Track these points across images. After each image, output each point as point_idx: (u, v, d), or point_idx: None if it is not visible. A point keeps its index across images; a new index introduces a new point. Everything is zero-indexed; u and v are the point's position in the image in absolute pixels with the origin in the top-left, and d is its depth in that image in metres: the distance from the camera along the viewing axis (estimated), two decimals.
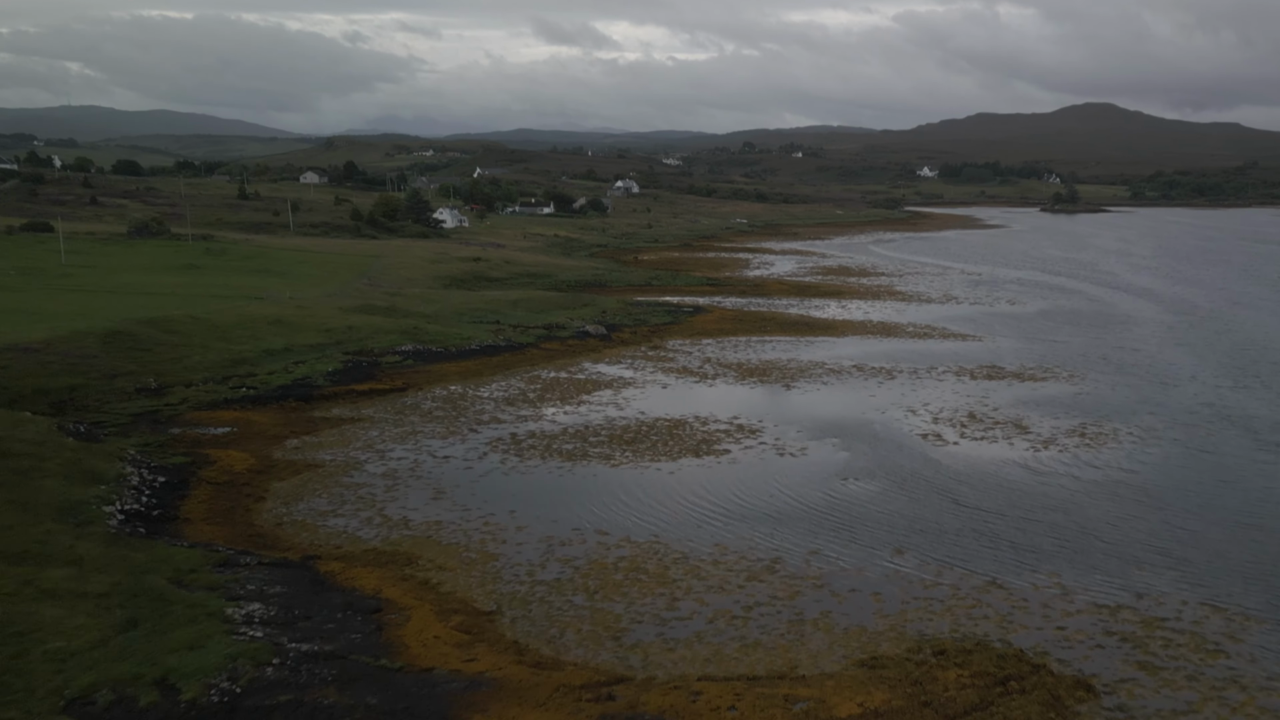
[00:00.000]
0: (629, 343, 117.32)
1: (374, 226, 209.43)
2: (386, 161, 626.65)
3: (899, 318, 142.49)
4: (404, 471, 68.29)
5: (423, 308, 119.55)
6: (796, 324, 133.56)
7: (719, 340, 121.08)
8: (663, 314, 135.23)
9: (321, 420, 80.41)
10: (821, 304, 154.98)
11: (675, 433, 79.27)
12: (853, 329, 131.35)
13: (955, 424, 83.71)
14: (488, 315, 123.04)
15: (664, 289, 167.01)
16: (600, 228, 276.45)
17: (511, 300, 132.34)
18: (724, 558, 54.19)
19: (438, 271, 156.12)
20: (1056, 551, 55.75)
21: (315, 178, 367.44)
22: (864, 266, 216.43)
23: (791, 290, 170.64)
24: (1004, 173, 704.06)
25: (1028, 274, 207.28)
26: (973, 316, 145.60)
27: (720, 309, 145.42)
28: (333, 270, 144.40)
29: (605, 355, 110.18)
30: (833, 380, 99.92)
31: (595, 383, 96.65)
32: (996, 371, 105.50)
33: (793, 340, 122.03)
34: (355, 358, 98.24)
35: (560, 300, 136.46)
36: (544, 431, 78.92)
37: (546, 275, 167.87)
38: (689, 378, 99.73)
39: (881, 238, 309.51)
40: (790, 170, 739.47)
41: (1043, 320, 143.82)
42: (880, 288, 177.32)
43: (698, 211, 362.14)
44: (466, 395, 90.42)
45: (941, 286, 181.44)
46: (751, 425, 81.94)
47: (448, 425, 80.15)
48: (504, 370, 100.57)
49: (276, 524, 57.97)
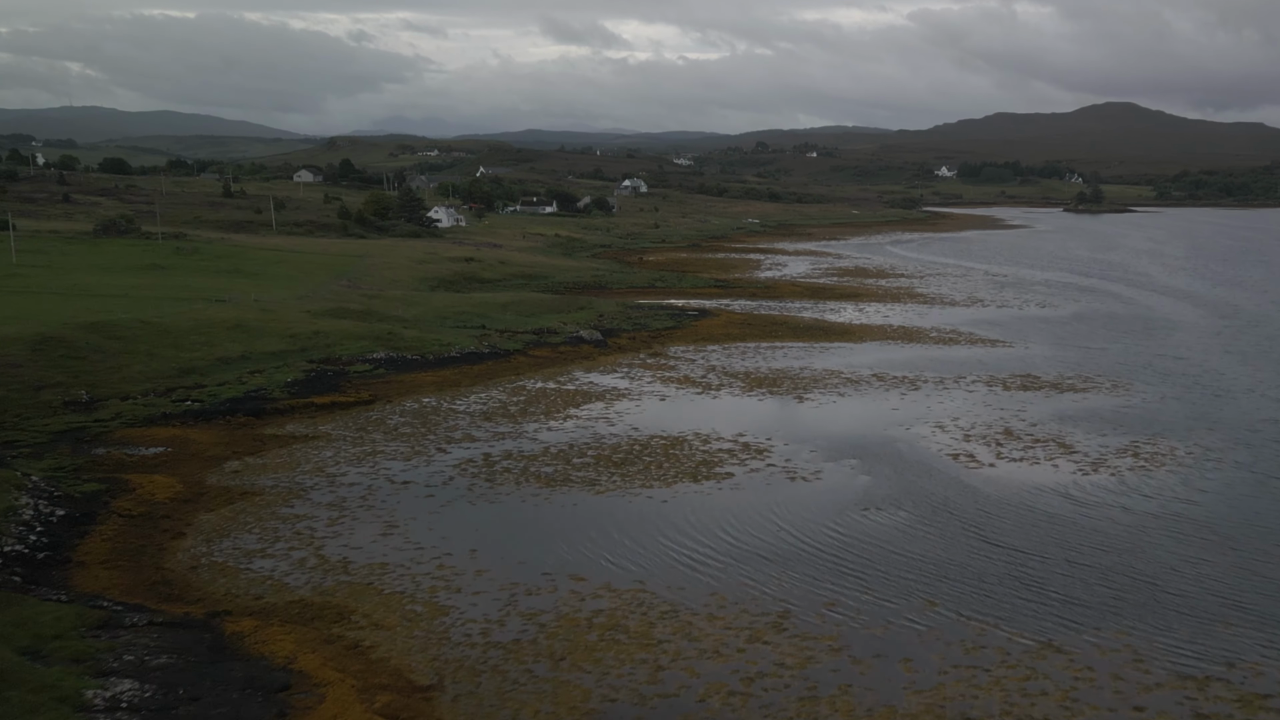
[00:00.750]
0: (627, 349, 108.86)
1: (363, 225, 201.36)
2: (391, 162, 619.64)
3: (921, 322, 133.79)
4: (354, 500, 59.90)
5: (402, 311, 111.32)
6: (810, 329, 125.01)
7: (725, 346, 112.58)
8: (665, 318, 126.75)
9: (271, 438, 72.10)
10: (837, 307, 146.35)
11: (672, 453, 70.79)
12: (871, 334, 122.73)
13: (989, 442, 75.06)
14: (474, 319, 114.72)
15: (668, 291, 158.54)
16: (605, 227, 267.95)
17: (501, 303, 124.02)
18: (721, 611, 45.69)
19: (425, 272, 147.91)
20: (1117, 605, 47.06)
21: (310, 176, 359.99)
22: (882, 267, 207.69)
23: (805, 292, 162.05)
24: (1024, 172, 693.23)
25: (1056, 275, 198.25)
26: (1001, 320, 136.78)
27: (728, 312, 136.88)
28: (310, 271, 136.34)
29: (599, 363, 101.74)
30: (850, 391, 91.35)
31: (586, 394, 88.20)
32: (1032, 381, 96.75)
33: (806, 346, 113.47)
34: (320, 367, 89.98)
35: (555, 303, 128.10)
36: (522, 451, 70.50)
37: (543, 276, 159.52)
38: (690, 389, 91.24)
39: (900, 238, 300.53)
40: (804, 170, 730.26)
41: (1077, 324, 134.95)
42: (900, 290, 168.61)
43: (708, 211, 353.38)
44: (440, 409, 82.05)
45: (965, 288, 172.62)
46: (759, 444, 73.44)
47: (413, 444, 71.79)
48: (485, 380, 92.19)
49: (191, 567, 49.63)
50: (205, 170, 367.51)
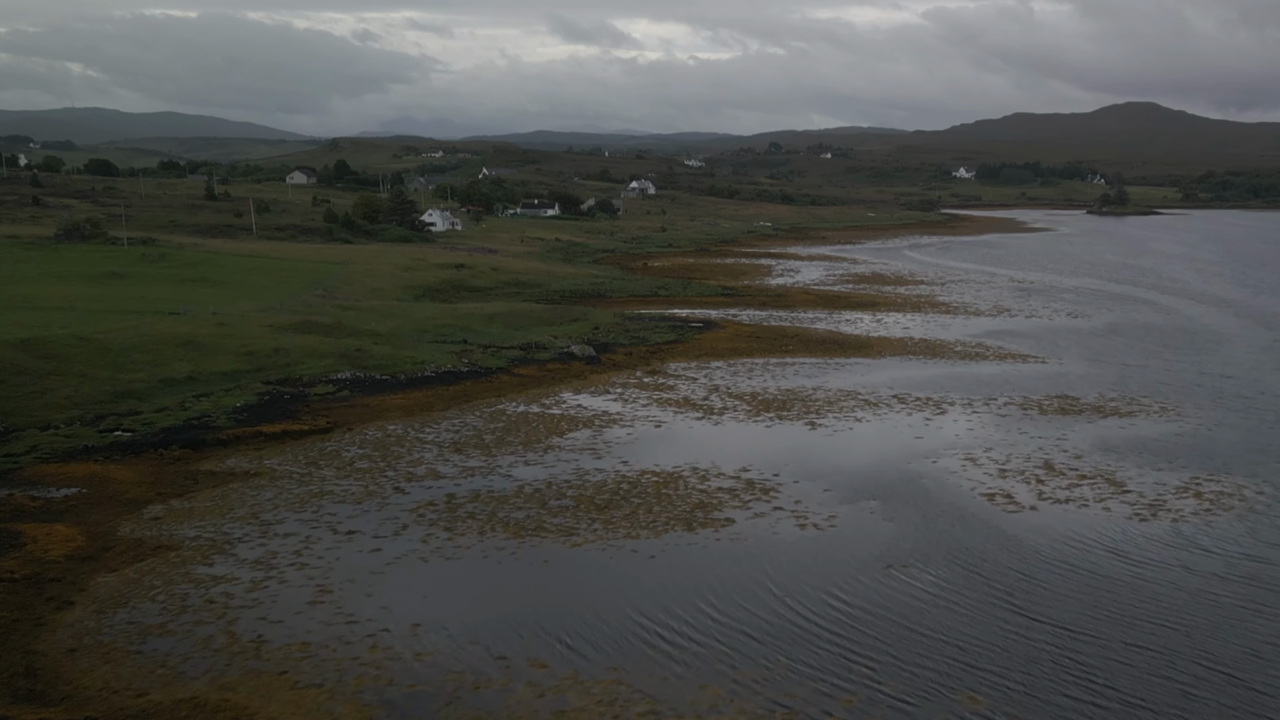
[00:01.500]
0: (622, 366, 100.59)
1: (350, 230, 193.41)
2: (394, 163, 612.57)
3: (944, 334, 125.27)
4: (286, 556, 51.72)
5: (377, 324, 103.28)
6: (824, 342, 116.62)
7: (731, 363, 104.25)
8: (666, 330, 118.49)
9: (205, 476, 63.99)
10: (853, 317, 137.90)
11: (664, 492, 62.52)
12: (890, 348, 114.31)
13: (1029, 478, 66.62)
14: (455, 333, 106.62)
15: (672, 300, 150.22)
16: (608, 231, 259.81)
17: (488, 314, 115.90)
18: (713, 713, 37.35)
19: (410, 280, 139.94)
20: (1188, 708, 38.49)
21: (303, 178, 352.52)
22: (900, 273, 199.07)
23: (819, 301, 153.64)
24: (1045, 174, 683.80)
25: (1085, 282, 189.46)
26: (1031, 332, 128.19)
27: (735, 324, 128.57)
28: (283, 279, 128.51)
29: (590, 383, 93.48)
30: (869, 415, 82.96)
31: (572, 420, 79.97)
32: (1070, 403, 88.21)
33: (819, 363, 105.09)
34: (276, 389, 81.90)
35: (546, 314, 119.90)
36: (492, 491, 62.30)
37: (537, 284, 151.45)
38: (690, 413, 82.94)
39: (918, 242, 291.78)
40: (818, 172, 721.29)
41: (1113, 337, 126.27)
42: (920, 298, 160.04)
43: (718, 214, 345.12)
44: (405, 438, 73.89)
45: (990, 296, 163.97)
46: (765, 480, 65.15)
47: (368, 482, 63.62)
48: (461, 403, 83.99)
49: (69, 650, 41.47)
50: (195, 172, 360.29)
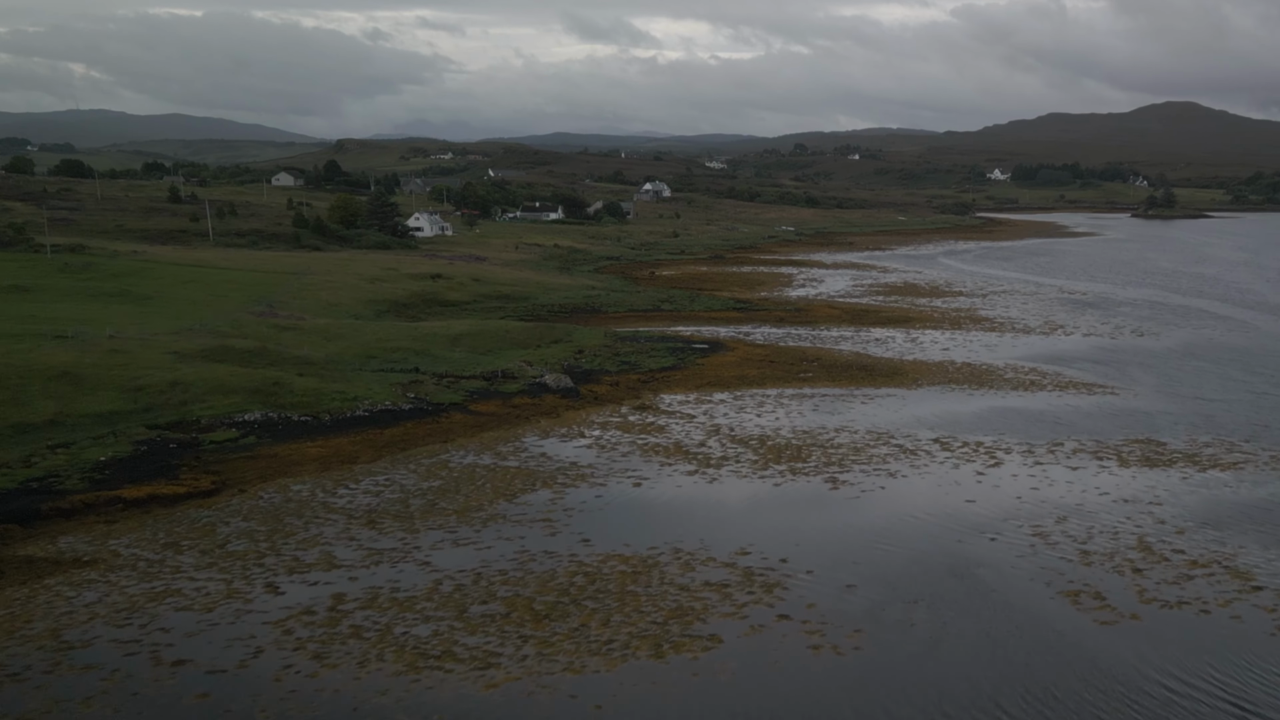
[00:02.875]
0: (605, 400, 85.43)
1: (321, 235, 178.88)
2: (401, 165, 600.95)
3: (991, 356, 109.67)
4: (71, 707, 36.76)
5: (314, 349, 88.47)
6: (849, 367, 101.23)
7: (737, 395, 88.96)
8: (664, 354, 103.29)
9: (19, 565, 49.15)
10: (884, 336, 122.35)
11: (631, 590, 47.42)
12: (929, 374, 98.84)
13: (1121, 565, 51.21)
14: (409, 359, 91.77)
15: (675, 316, 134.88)
16: (615, 236, 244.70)
17: (453, 335, 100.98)
18: None
19: (376, 293, 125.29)
20: None
21: (290, 179, 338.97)
22: (936, 283, 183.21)
23: (844, 316, 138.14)
24: (1084, 175, 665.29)
25: (1144, 293, 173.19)
26: (1092, 354, 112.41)
27: (746, 345, 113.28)
28: (222, 293, 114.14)
29: (563, 422, 78.36)
30: (905, 468, 67.60)
31: (530, 476, 64.88)
32: (1156, 451, 72.55)
33: (844, 394, 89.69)
34: (161, 436, 67.12)
35: (524, 334, 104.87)
36: (399, 589, 47.31)
37: (523, 298, 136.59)
38: (681, 464, 67.76)
39: (953, 248, 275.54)
40: (846, 173, 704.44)
41: (1190, 360, 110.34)
42: (960, 312, 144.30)
43: (736, 218, 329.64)
44: (308, 504, 58.93)
45: (1040, 310, 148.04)
46: (769, 570, 50.01)
47: (235, 575, 48.69)
48: (395, 452, 69.00)
49: None
50: (176, 173, 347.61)
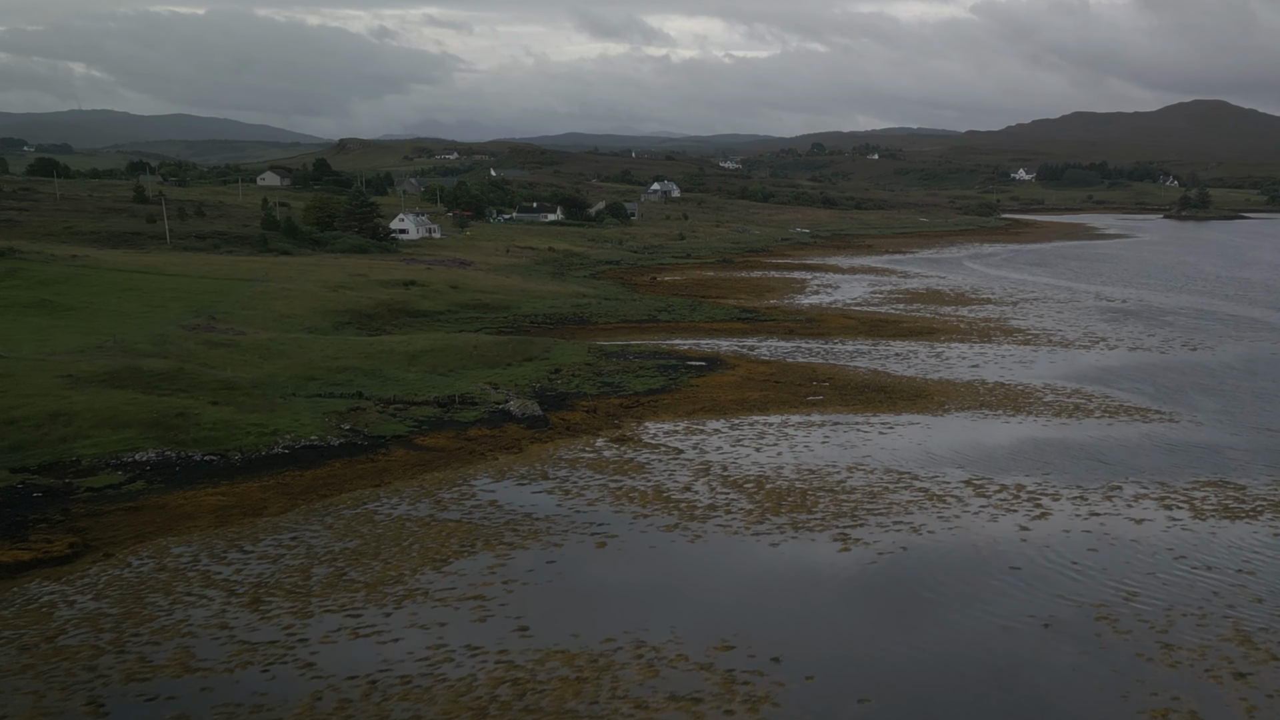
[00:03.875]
0: (579, 430, 74.23)
1: (293, 238, 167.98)
2: (405, 166, 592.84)
3: (1027, 375, 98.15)
4: None
5: (244, 370, 77.40)
6: (865, 388, 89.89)
7: (735, 423, 77.65)
8: (654, 373, 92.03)
9: None
10: (905, 350, 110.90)
11: (570, 712, 36.19)
12: (957, 396, 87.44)
13: (1214, 669, 39.97)
14: (355, 380, 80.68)
15: (673, 327, 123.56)
16: (617, 239, 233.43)
17: (413, 352, 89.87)
18: None
19: (337, 303, 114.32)
20: None
21: (277, 179, 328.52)
22: (961, 289, 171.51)
23: (861, 327, 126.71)
24: (1113, 175, 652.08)
25: (1189, 300, 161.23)
26: (1141, 372, 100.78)
27: (750, 361, 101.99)
28: (161, 302, 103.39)
29: (524, 459, 67.18)
30: (931, 519, 56.27)
31: (471, 532, 53.73)
32: (1235, 497, 61.07)
33: (859, 421, 78.33)
34: (26, 480, 56.13)
35: (494, 350, 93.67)
36: (262, 707, 36.15)
37: (503, 307, 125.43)
38: (658, 515, 56.55)
39: (978, 251, 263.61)
40: (865, 173, 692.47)
41: (1254, 378, 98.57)
42: (989, 322, 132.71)
43: (748, 219, 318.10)
44: (187, 573, 47.85)
45: (1076, 320, 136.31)
46: (755, 675, 38.83)
47: (53, 686, 37.60)
48: (313, 500, 57.87)
49: None
50: (153, 172, 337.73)
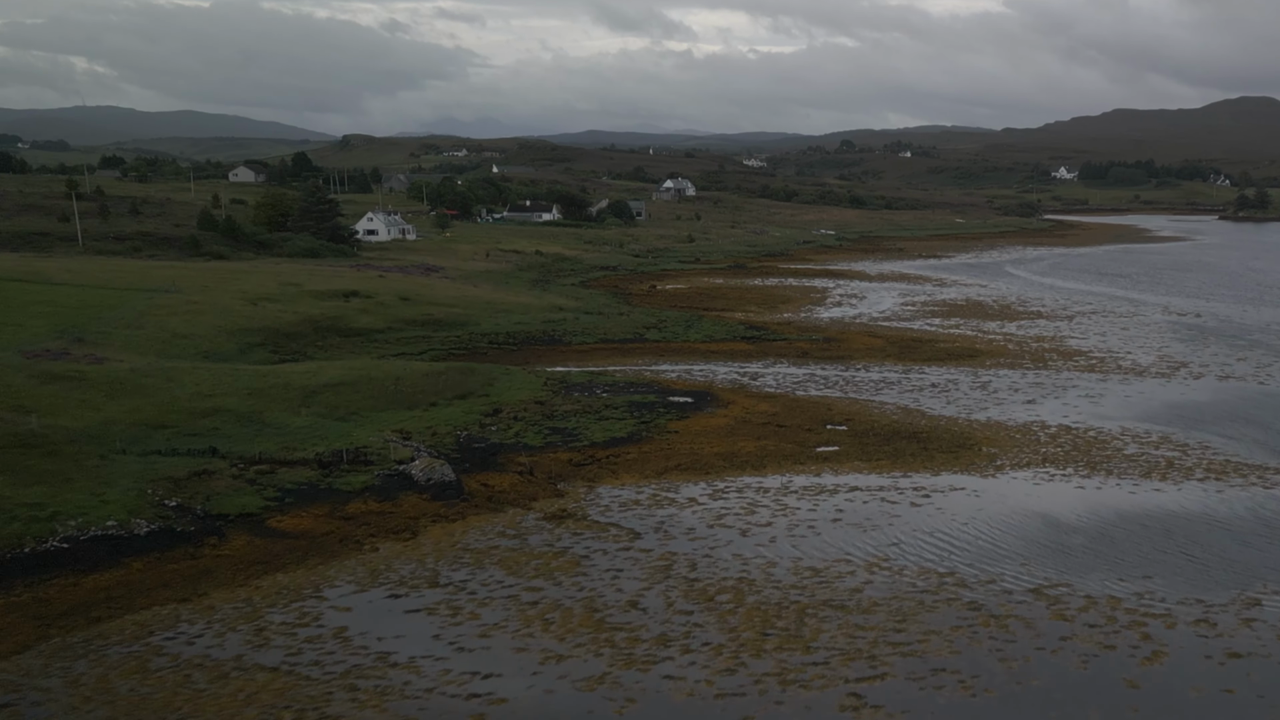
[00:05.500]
0: (503, 501, 56.47)
1: (233, 240, 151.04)
2: (411, 163, 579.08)
3: (1096, 414, 79.88)
4: None
5: (77, 413, 60.05)
6: (894, 435, 71.89)
7: (718, 489, 59.78)
8: (623, 413, 74.22)
9: None
10: (942, 379, 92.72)
11: None
12: (1011, 447, 69.41)
13: None
14: (223, 428, 63.14)
15: (662, 349, 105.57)
16: (618, 241, 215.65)
17: (313, 386, 72.26)
18: None
19: (253, 320, 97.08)
20: None
21: (250, 175, 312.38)
22: (1007, 301, 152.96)
23: (889, 348, 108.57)
24: (1160, 174, 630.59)
25: (1272, 314, 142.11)
26: (1241, 409, 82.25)
27: (749, 395, 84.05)
28: (18, 320, 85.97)
29: (413, 551, 49.48)
30: (990, 665, 38.57)
31: (284, 697, 36.14)
32: None
33: (884, 485, 60.37)
34: None
35: (422, 384, 76.01)
36: None
37: (460, 324, 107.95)
38: (580, 657, 38.86)
39: (1021, 255, 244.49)
40: (896, 172, 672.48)
41: None
42: (1043, 342, 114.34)
43: (768, 220, 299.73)
44: None
45: (1147, 340, 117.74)
46: None
47: None
48: (75, 629, 40.39)
49: None
50: (120, 168, 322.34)
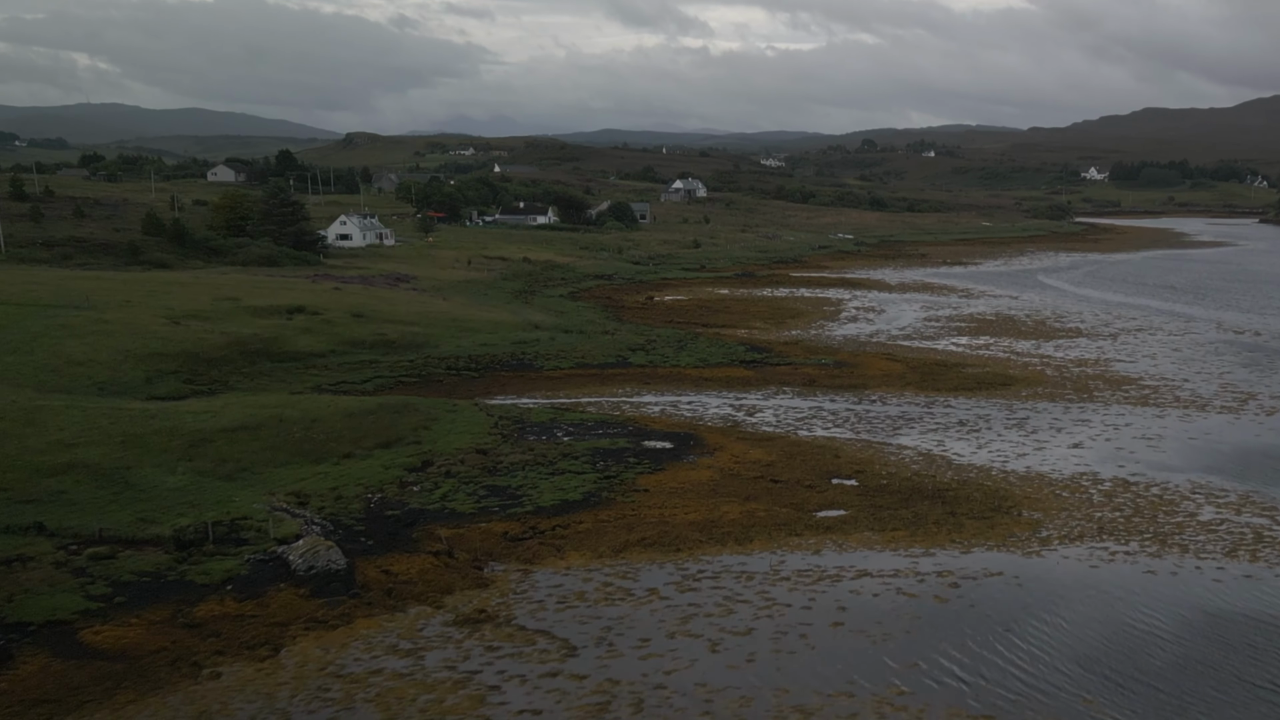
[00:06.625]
0: (406, 597, 44.47)
1: (180, 246, 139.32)
2: (415, 161, 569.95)
3: (1158, 461, 67.54)
4: None
5: None
6: (913, 492, 59.71)
7: (687, 572, 47.70)
8: (582, 464, 62.15)
9: None
10: (971, 414, 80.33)
11: None
12: (1056, 508, 57.22)
13: None
14: (72, 489, 51.30)
15: (646, 376, 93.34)
16: (617, 246, 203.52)
17: (207, 432, 60.35)
18: None
19: (171, 342, 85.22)
20: None
21: (230, 174, 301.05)
22: (1041, 315, 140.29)
23: (910, 375, 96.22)
24: (1194, 175, 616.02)
25: None
26: None
27: (741, 438, 71.87)
28: None
29: (261, 683, 37.40)
30: None
31: None
32: None
33: (899, 568, 48.23)
34: None
35: (341, 428, 63.97)
36: None
37: (416, 346, 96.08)
38: None
39: (1054, 262, 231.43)
40: (920, 172, 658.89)
41: None
42: (1084, 366, 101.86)
43: (783, 223, 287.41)
44: None
45: (1203, 363, 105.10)
46: None
47: None
48: None
49: None
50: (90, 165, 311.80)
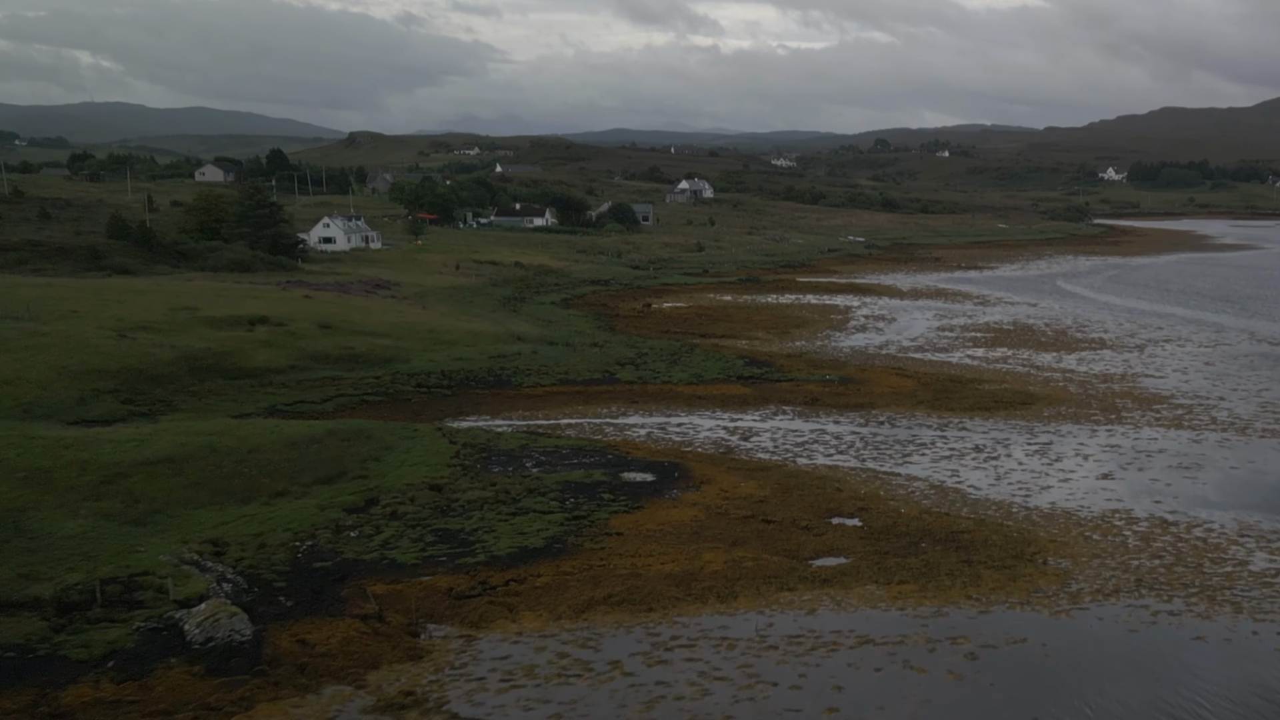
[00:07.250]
0: (321, 674, 37.84)
1: (148, 251, 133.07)
2: (418, 161, 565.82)
3: (1198, 496, 60.90)
4: None
5: None
6: (923, 535, 53.11)
7: (658, 638, 41.19)
8: (550, 501, 55.59)
9: None
10: (988, 438, 73.66)
11: None
12: (1087, 555, 50.69)
13: None
14: None
15: (635, 394, 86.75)
16: (617, 249, 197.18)
17: (126, 465, 53.72)
18: None
19: (114, 358, 78.82)
20: None
21: (219, 173, 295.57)
22: (1061, 324, 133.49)
23: (922, 391, 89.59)
24: (1215, 175, 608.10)
25: None
26: None
27: (733, 468, 65.28)
28: None
29: None
30: None
31: None
32: None
33: (905, 634, 41.70)
34: None
35: (279, 461, 57.49)
36: None
37: (386, 360, 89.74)
38: None
39: (1073, 266, 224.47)
40: (933, 173, 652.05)
41: None
42: (1110, 381, 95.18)
43: (791, 225, 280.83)
44: None
45: (1238, 379, 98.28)
46: None
47: None
48: None
49: None
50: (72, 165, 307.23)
